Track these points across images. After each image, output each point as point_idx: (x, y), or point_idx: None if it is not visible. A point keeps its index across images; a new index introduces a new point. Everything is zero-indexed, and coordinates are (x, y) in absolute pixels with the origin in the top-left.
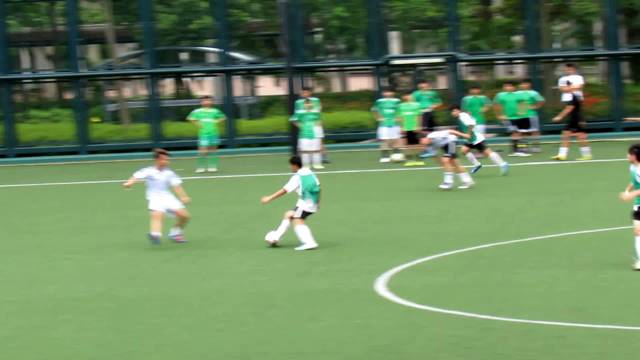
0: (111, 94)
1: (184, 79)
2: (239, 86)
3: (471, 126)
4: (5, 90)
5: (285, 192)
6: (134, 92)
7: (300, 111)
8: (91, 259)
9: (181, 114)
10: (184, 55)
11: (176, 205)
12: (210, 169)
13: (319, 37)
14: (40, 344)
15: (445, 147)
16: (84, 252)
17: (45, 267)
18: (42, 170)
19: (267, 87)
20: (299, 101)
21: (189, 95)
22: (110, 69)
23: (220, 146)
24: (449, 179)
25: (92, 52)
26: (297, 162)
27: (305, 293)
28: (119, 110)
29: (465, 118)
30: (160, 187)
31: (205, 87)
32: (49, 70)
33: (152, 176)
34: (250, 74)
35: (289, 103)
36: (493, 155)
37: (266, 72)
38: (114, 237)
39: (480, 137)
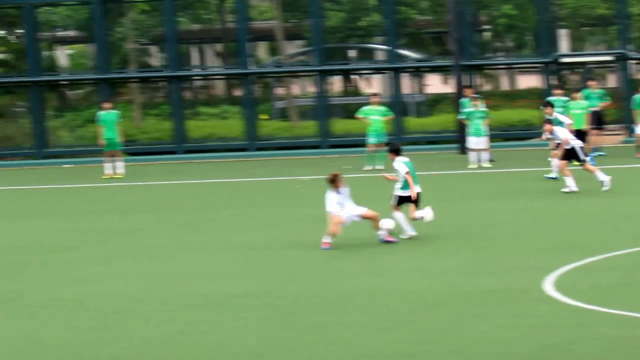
0: (279, 91)
1: (352, 77)
2: (406, 84)
3: (569, 125)
4: (175, 87)
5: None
6: (302, 89)
7: (468, 109)
8: (259, 256)
9: (349, 112)
10: (352, 53)
11: (360, 209)
12: (378, 167)
13: (487, 35)
14: (209, 339)
15: (574, 154)
16: (252, 248)
17: (213, 264)
18: (210, 167)
19: (435, 84)
20: (465, 99)
21: (357, 92)
22: (279, 66)
23: (388, 144)
24: (601, 176)
25: (261, 50)
26: (394, 150)
27: (473, 291)
28: (287, 107)
29: (562, 118)
30: (343, 203)
31: (374, 85)
32: (218, 67)
33: (340, 201)
34: (418, 72)
35: (456, 101)
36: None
37: (434, 69)
38: (282, 234)
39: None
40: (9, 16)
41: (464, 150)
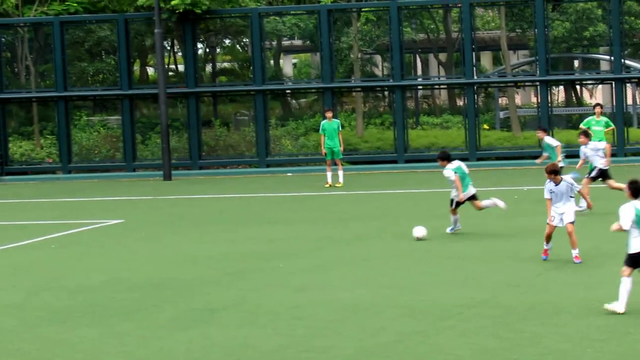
0: (502, 101)
1: (576, 87)
2: (631, 94)
3: (558, 146)
4: (398, 96)
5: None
6: (525, 99)
7: None
8: (476, 266)
9: (571, 122)
10: (576, 63)
11: (568, 216)
12: None
13: None
14: (422, 349)
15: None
16: (469, 258)
17: (429, 273)
18: (431, 177)
19: None
20: None
21: (580, 103)
22: (503, 75)
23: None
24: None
25: (485, 59)
26: (444, 158)
27: None
28: (510, 117)
29: (551, 140)
30: (559, 197)
31: (597, 95)
32: (441, 76)
33: (555, 192)
34: None
35: None
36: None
37: None
38: (500, 245)
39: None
40: (236, 25)
41: None
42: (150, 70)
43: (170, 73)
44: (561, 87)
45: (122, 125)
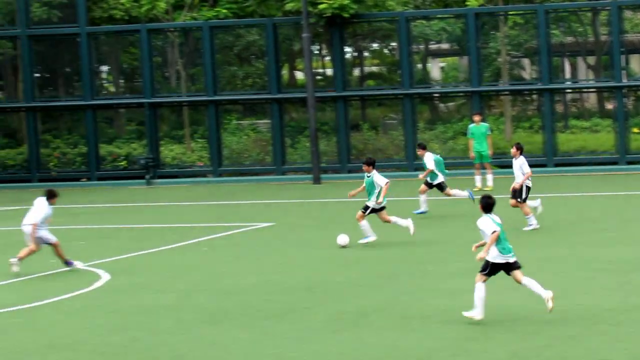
0: None
1: None
2: None
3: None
4: (547, 99)
5: (388, 185)
6: None
7: None
8: (629, 271)
9: None
10: None
11: None
12: None
13: None
14: (574, 353)
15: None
16: (621, 263)
17: (582, 278)
18: (580, 181)
19: None
20: None
21: None
22: None
23: None
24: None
25: (635, 62)
26: (371, 164)
27: None
28: None
29: (428, 158)
30: None
31: None
32: (590, 80)
33: None
34: None
35: None
36: (455, 191)
37: None
38: None
39: (440, 178)
40: (383, 29)
41: None
42: (299, 74)
43: (319, 77)
44: None
45: (272, 129)
